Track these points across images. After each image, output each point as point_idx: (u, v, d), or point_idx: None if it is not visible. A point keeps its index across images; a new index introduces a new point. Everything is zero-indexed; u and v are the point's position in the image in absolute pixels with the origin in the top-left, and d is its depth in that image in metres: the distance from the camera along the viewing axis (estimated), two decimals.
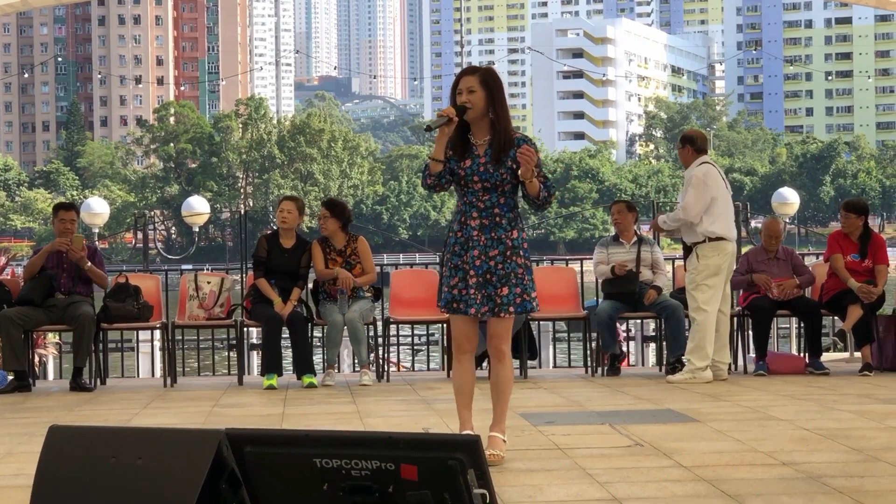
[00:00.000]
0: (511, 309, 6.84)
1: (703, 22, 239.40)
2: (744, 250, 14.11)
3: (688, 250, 11.53)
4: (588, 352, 12.58)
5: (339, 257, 11.75)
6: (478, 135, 6.86)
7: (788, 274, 12.33)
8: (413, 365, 16.86)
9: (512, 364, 7.17)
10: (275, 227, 12.15)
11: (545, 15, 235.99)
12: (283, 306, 11.41)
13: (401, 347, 17.06)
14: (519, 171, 6.71)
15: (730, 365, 11.85)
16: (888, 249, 12.67)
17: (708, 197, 11.21)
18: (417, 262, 49.28)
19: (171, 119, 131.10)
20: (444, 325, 12.79)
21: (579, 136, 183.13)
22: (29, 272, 11.61)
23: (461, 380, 7.05)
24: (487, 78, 6.84)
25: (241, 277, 14.16)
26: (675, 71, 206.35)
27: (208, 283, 12.17)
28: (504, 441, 6.90)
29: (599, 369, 12.30)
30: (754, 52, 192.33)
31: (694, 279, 11.30)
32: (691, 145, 11.49)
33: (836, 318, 13.20)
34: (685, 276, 11.56)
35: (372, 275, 11.82)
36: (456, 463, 3.68)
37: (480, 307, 6.81)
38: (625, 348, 15.08)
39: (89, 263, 11.57)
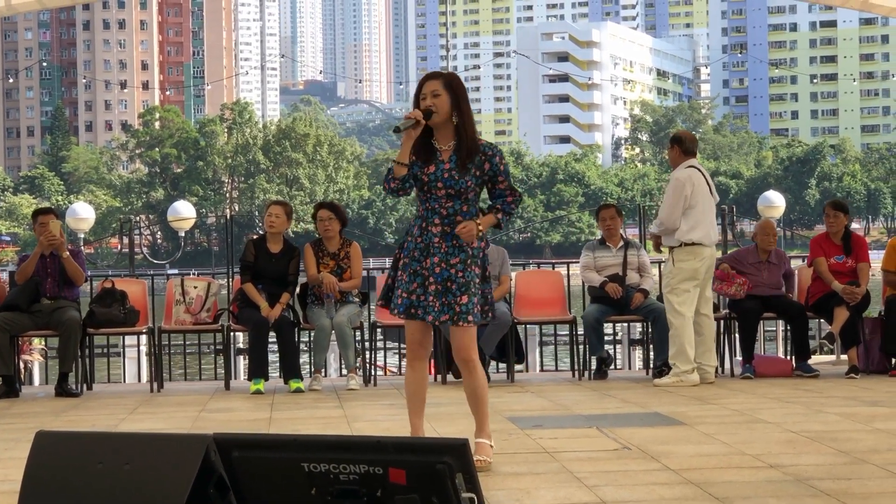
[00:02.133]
0: (470, 318, 6.73)
1: (688, 25, 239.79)
2: (729, 252, 14.12)
3: None
4: (575, 355, 12.59)
5: (331, 261, 11.74)
6: (442, 140, 6.78)
7: (777, 278, 12.33)
8: (400, 369, 16.83)
9: (482, 371, 7.07)
10: (262, 232, 12.12)
11: (530, 19, 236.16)
12: (269, 311, 11.40)
13: (388, 351, 17.04)
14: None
15: (717, 368, 11.87)
16: (874, 251, 12.71)
17: (684, 201, 11.23)
18: None
19: (157, 124, 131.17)
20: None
21: (565, 139, 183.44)
22: (22, 275, 11.59)
23: (415, 386, 6.96)
24: (451, 81, 6.78)
25: (228, 282, 14.16)
26: (661, 74, 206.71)
27: (195, 287, 12.16)
28: (491, 446, 6.88)
29: (586, 373, 12.30)
30: (739, 55, 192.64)
31: (669, 283, 11.34)
32: (679, 146, 11.52)
33: (821, 320, 13.23)
34: (662, 279, 11.60)
35: (357, 280, 11.82)
36: (444, 467, 3.67)
37: (439, 315, 6.71)
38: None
39: (67, 253, 11.55)
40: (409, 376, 6.99)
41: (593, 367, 12.28)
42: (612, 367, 13.19)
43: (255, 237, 12.01)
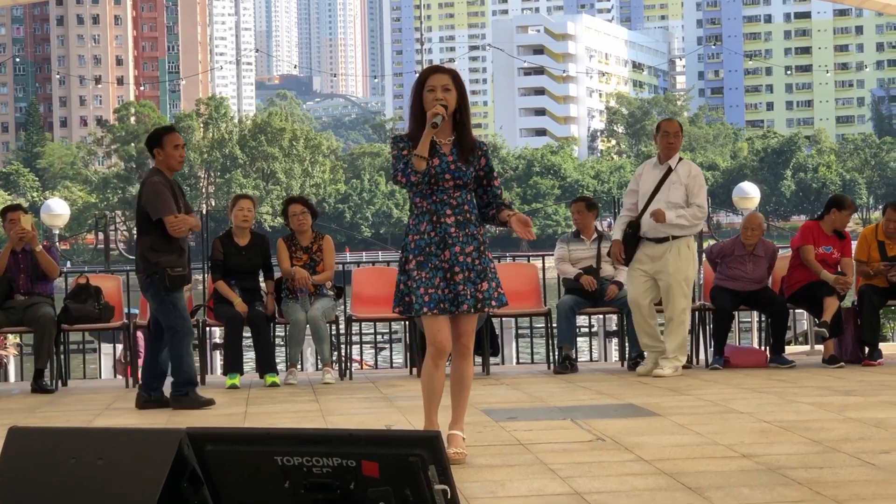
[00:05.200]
0: (493, 303, 6.88)
1: (663, 17, 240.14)
2: (705, 245, 14.13)
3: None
4: (550, 348, 12.61)
5: (304, 255, 11.76)
6: (441, 134, 6.83)
7: (761, 272, 12.23)
8: (376, 363, 16.84)
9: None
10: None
11: (505, 12, 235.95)
12: (243, 306, 11.41)
13: (363, 345, 17.03)
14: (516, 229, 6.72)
15: (690, 358, 11.89)
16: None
17: None
18: (380, 259, 49.29)
19: (132, 119, 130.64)
20: (407, 323, 12.81)
21: (541, 132, 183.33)
22: None
23: (438, 384, 6.91)
24: (458, 77, 6.90)
25: (203, 277, 14.13)
26: (636, 66, 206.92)
27: None
28: (463, 439, 6.89)
29: (555, 362, 12.29)
30: (714, 47, 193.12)
31: (687, 274, 11.20)
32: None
33: (797, 310, 13.25)
34: (673, 271, 11.17)
35: (329, 273, 11.83)
36: (417, 459, 3.69)
37: (473, 302, 6.79)
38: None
39: (40, 247, 11.50)
40: (433, 374, 6.91)
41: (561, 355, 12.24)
42: (589, 359, 13.21)
43: (220, 234, 12.01)
